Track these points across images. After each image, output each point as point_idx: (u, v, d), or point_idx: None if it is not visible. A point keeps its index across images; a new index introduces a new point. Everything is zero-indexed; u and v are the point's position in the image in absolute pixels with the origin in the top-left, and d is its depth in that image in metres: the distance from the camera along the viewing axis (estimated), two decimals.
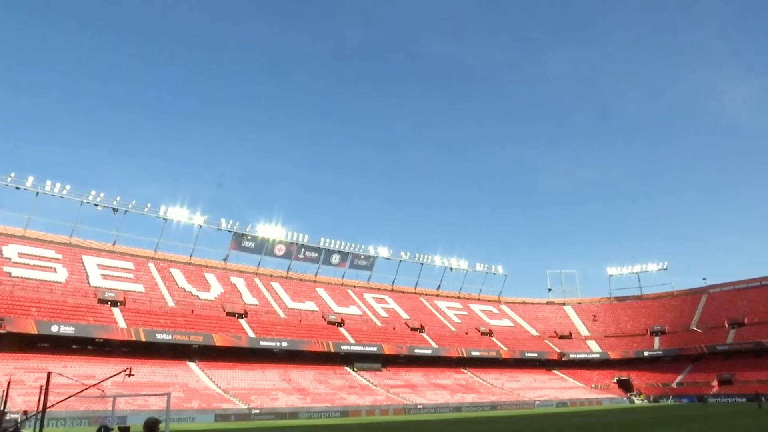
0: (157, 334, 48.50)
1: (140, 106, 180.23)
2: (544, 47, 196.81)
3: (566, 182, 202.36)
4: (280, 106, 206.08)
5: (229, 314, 58.54)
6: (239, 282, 66.56)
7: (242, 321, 58.01)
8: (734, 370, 68.16)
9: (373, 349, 61.81)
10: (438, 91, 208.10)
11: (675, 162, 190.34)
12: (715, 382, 68.40)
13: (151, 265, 62.16)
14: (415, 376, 63.49)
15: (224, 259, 69.95)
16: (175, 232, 67.51)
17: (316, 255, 75.97)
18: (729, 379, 67.60)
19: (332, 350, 58.90)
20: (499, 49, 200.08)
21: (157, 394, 32.20)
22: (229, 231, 68.74)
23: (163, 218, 63.70)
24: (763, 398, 51.20)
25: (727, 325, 75.90)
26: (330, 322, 65.20)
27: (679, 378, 72.79)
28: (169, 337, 49.17)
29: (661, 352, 77.54)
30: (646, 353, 77.61)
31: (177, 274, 62.68)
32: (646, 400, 69.36)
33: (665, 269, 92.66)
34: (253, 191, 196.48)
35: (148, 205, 63.15)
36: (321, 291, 72.76)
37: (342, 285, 77.62)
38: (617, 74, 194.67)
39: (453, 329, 76.34)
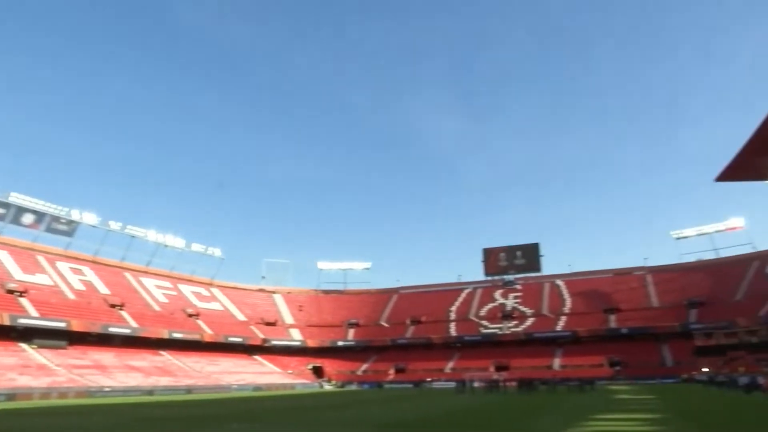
0: None
1: None
2: (300, 44, 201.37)
3: (296, 175, 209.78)
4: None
5: None
6: None
7: None
8: (408, 361, 79.14)
9: (61, 324, 55.48)
10: (191, 65, 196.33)
11: (394, 173, 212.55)
12: (392, 371, 78.38)
13: None
14: (107, 356, 58.88)
15: None
16: None
17: (4, 211, 65.14)
18: (403, 368, 78.20)
19: (7, 323, 51.15)
20: (261, 36, 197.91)
21: None
22: None
23: None
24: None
25: (408, 322, 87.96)
26: (9, 291, 56.43)
27: (365, 366, 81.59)
28: None
29: (353, 343, 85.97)
30: (340, 343, 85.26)
31: None
32: (334, 386, 75.96)
33: (368, 268, 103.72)
34: None
35: None
36: (2, 254, 62.52)
37: (32, 249, 67.86)
38: (353, 82, 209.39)
39: (158, 309, 72.93)
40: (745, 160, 34.71)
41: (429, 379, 70.76)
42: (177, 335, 67.78)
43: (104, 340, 60.92)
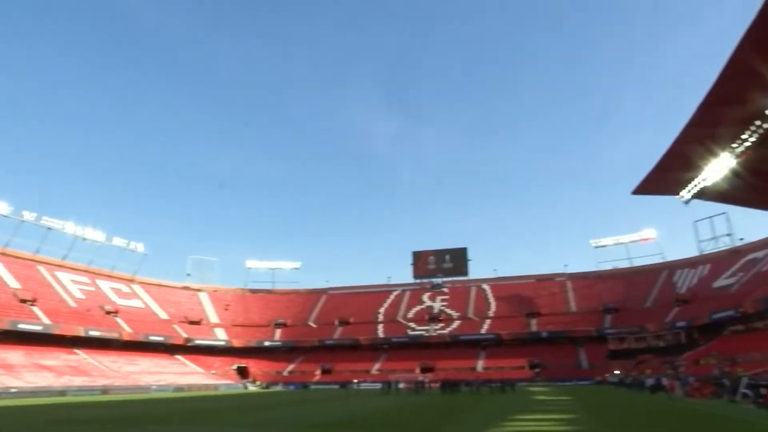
0: None
1: None
2: (233, 36, 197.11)
3: (227, 172, 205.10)
4: None
5: None
6: None
7: None
8: (335, 361, 79.00)
9: None
10: (120, 48, 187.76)
11: (327, 174, 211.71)
12: (318, 371, 77.99)
13: None
14: (16, 355, 55.44)
15: None
16: None
17: None
18: (329, 369, 77.99)
19: None
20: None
21: None
22: None
23: None
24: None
25: (336, 323, 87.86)
26: None
27: (291, 367, 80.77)
28: None
29: (280, 343, 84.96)
30: (266, 343, 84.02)
31: None
32: (259, 387, 74.71)
33: (297, 268, 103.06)
34: None
35: None
36: None
37: None
38: (286, 79, 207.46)
39: (73, 305, 69.39)
40: (658, 176, 36.98)
41: (355, 380, 70.80)
42: (93, 333, 64.70)
43: (12, 337, 57.24)
